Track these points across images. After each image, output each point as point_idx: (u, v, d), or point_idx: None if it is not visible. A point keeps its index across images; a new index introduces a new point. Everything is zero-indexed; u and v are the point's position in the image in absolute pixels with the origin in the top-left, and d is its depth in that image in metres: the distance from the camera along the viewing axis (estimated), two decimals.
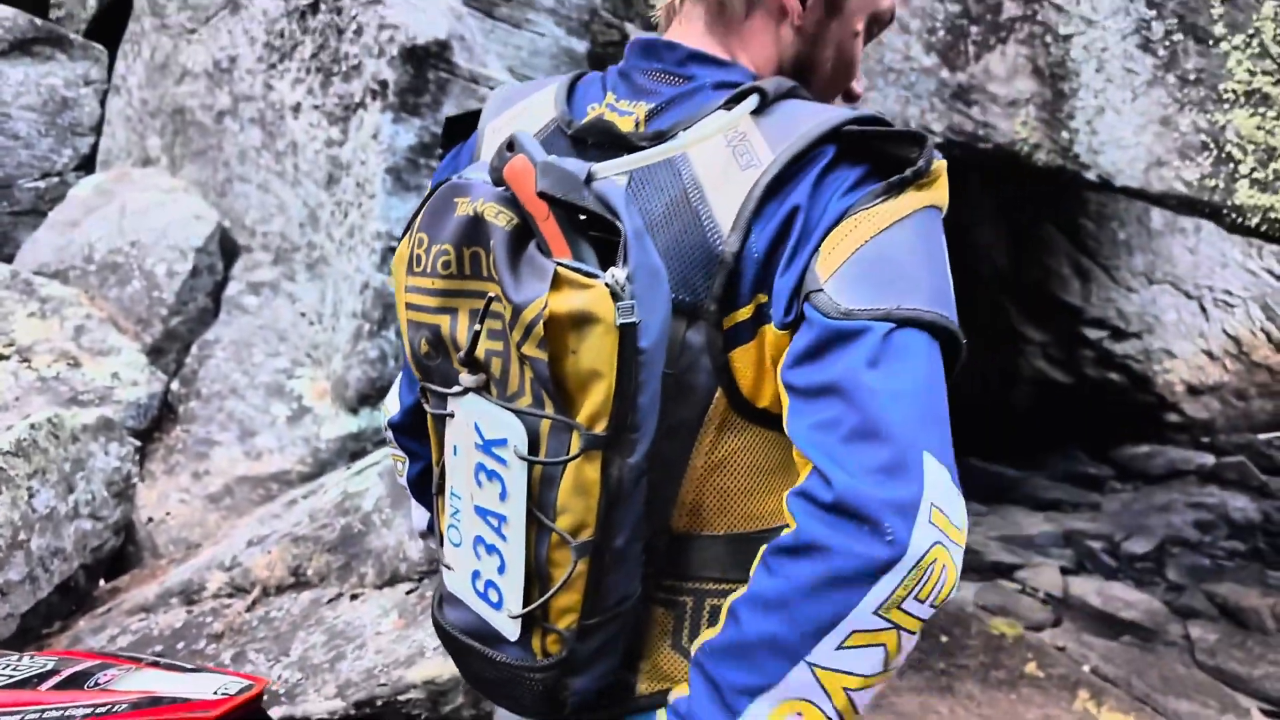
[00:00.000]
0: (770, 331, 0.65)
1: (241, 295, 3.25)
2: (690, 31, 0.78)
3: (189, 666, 0.91)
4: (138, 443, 2.32)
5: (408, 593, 1.65)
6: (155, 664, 0.90)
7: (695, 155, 0.67)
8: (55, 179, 4.11)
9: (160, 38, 3.90)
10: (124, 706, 0.80)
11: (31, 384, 2.58)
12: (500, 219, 0.61)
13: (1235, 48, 2.84)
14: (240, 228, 3.46)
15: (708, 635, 0.64)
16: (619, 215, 0.59)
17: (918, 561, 0.53)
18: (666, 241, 0.66)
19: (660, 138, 0.69)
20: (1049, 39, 3.21)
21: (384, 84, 2.88)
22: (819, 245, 0.63)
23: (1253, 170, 2.85)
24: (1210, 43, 2.89)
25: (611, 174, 0.65)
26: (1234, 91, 2.86)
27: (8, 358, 2.66)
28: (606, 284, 0.56)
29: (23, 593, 1.85)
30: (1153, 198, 3.11)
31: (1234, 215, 2.92)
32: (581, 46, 3.90)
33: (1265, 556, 4.41)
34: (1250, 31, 2.81)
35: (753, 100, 0.67)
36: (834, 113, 0.67)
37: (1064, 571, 4.16)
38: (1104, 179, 3.19)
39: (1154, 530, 4.76)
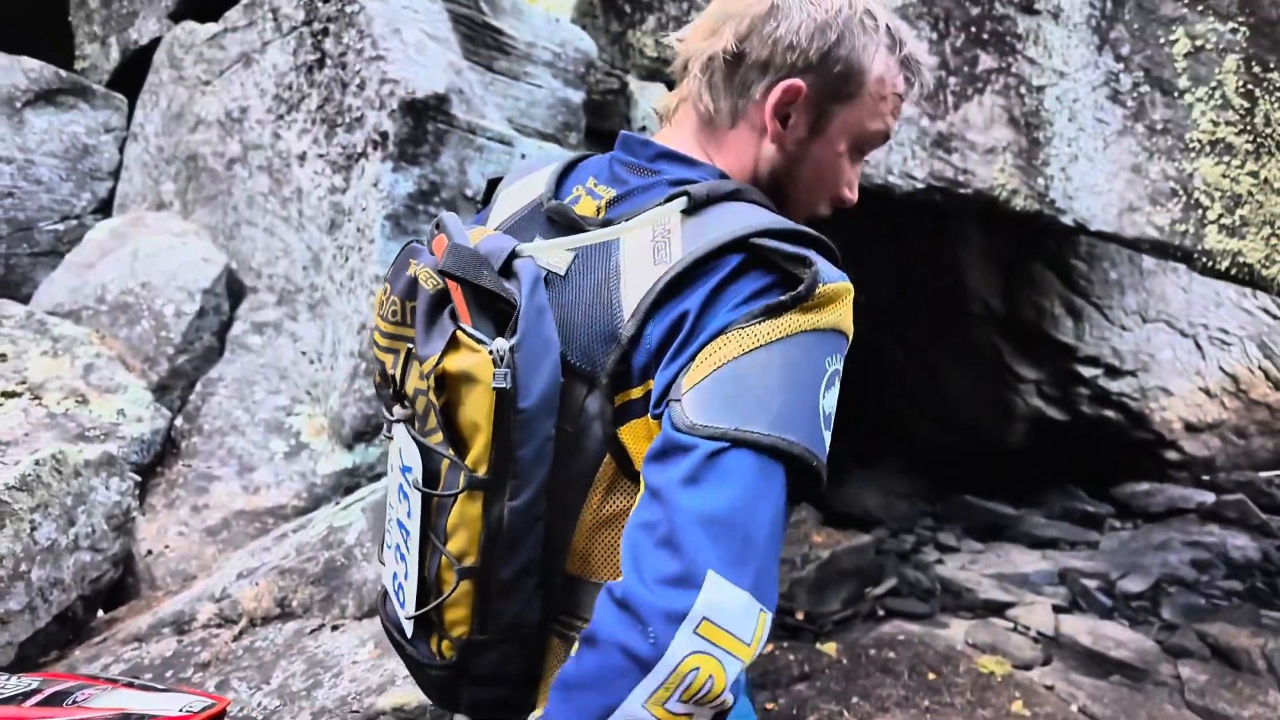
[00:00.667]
0: (649, 417, 0.71)
1: (246, 334, 3.37)
2: (678, 133, 0.86)
3: (160, 687, 0.99)
4: (138, 477, 2.42)
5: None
6: (130, 684, 0.99)
7: (625, 243, 0.74)
8: (74, 222, 4.28)
9: (177, 88, 4.09)
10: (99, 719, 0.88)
11: (41, 420, 2.69)
12: (429, 283, 0.73)
13: (1199, 99, 2.94)
14: (247, 269, 3.60)
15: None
16: (513, 294, 0.68)
17: (675, 666, 0.59)
18: (585, 314, 0.74)
19: (609, 224, 0.77)
20: (1023, 90, 3.34)
21: (384, 135, 3.02)
22: (695, 354, 0.67)
23: (1220, 216, 2.94)
24: (1175, 94, 3.00)
25: (544, 252, 0.75)
26: (1199, 141, 2.96)
27: (19, 395, 2.77)
28: (490, 351, 0.65)
29: (22, 622, 1.93)
30: (1126, 242, 3.20)
31: (1204, 259, 2.99)
32: (578, 97, 4.06)
33: (1261, 596, 4.39)
34: (1213, 84, 2.92)
35: (680, 201, 0.74)
36: (750, 221, 0.71)
37: (1057, 610, 4.17)
38: (1079, 224, 3.28)
39: (1150, 569, 4.75)
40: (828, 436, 0.68)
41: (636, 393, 0.72)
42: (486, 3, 3.69)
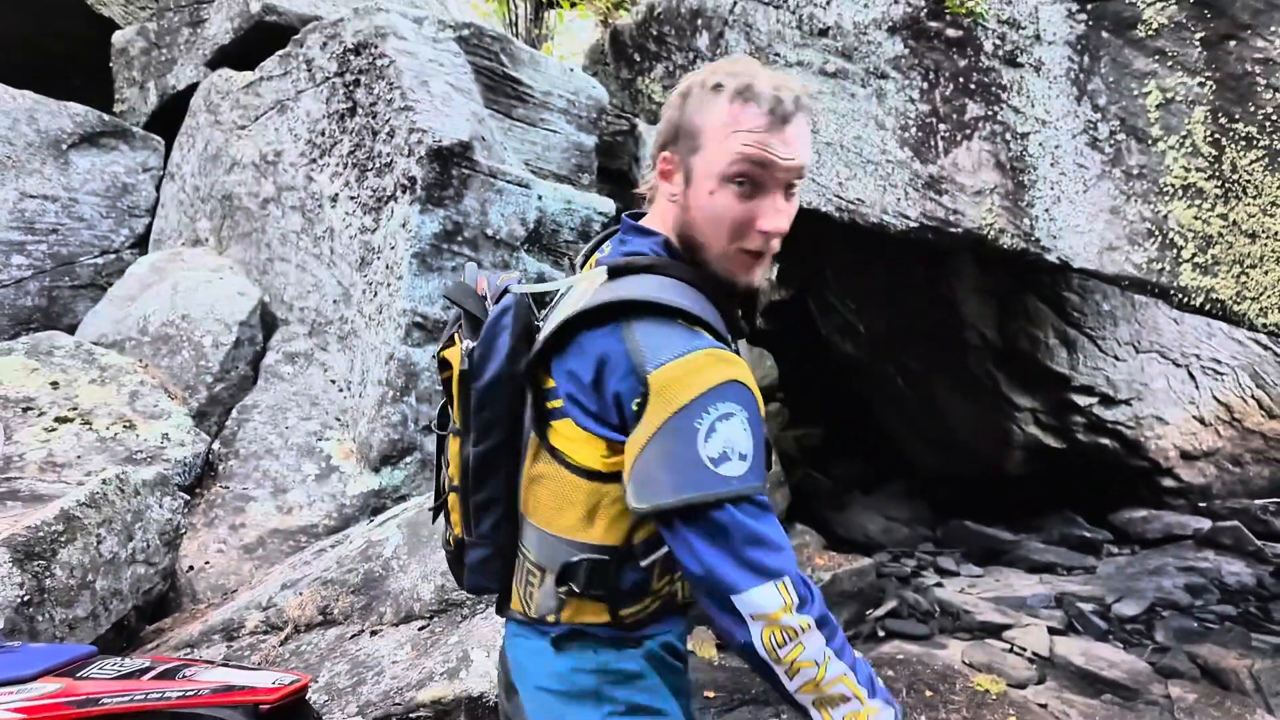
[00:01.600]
0: (569, 424, 0.97)
1: (279, 364, 3.58)
2: (651, 209, 1.09)
3: (250, 667, 1.17)
4: (187, 496, 2.61)
5: (420, 629, 1.90)
6: (226, 664, 1.17)
7: (574, 291, 1.01)
8: (112, 256, 4.53)
9: (213, 132, 4.36)
10: (207, 691, 1.06)
11: (92, 444, 2.89)
12: (454, 308, 1.12)
13: (1171, 147, 3.16)
14: (279, 303, 3.82)
15: None
16: (481, 314, 1.04)
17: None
18: (544, 333, 0.99)
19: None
20: (1009, 136, 3.56)
21: (413, 179, 3.26)
22: (609, 419, 0.95)
23: (1194, 255, 3.14)
24: (1149, 142, 3.21)
25: (534, 287, 1.06)
26: (1173, 185, 3.17)
27: (72, 420, 2.98)
28: (462, 348, 1.02)
29: (86, 628, 2.12)
30: (1107, 278, 3.39)
31: (1180, 295, 3.18)
32: (590, 141, 4.31)
33: (1253, 620, 4.51)
34: (1183, 133, 3.13)
35: (601, 270, 0.98)
36: (627, 293, 0.93)
37: (1052, 632, 4.29)
38: (1063, 261, 3.48)
39: (1145, 593, 4.87)
40: (733, 467, 0.87)
41: (555, 402, 0.98)
42: (506, 55, 3.95)
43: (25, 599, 1.85)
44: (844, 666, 0.88)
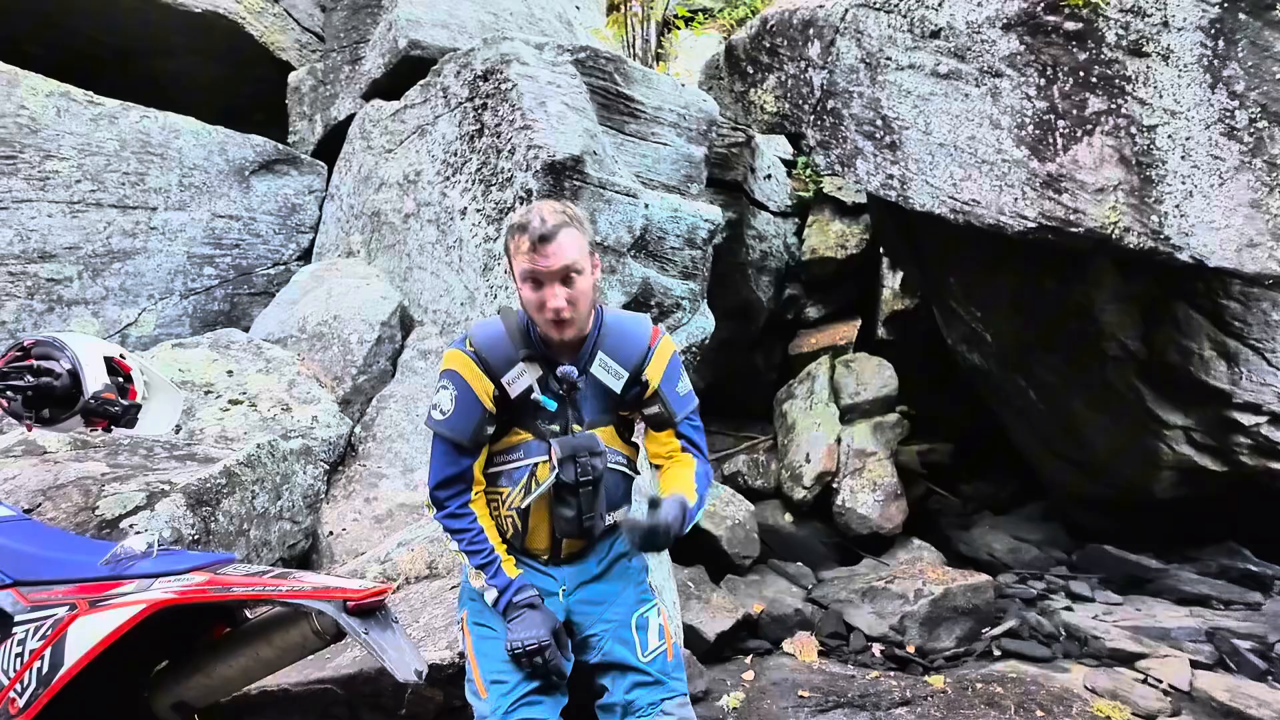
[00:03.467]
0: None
1: (413, 360, 3.98)
2: None
3: (343, 576, 1.42)
4: (327, 465, 2.99)
5: None
6: (327, 574, 1.42)
7: None
8: (282, 267, 5.18)
9: (365, 156, 4.91)
10: (308, 587, 1.30)
11: (256, 422, 3.36)
12: None
13: None
14: (416, 306, 4.25)
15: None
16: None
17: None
18: None
19: None
20: (1134, 130, 3.38)
21: (530, 192, 3.55)
22: None
23: None
24: None
25: None
26: None
27: (241, 403, 3.47)
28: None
29: None
30: (1247, 278, 3.14)
31: None
32: (699, 152, 4.47)
33: None
34: None
35: None
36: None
37: (1195, 665, 3.93)
38: (1197, 259, 3.26)
39: None
40: (435, 414, 1.72)
41: None
42: (620, 74, 4.20)
43: (195, 538, 2.23)
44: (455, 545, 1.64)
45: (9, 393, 1.70)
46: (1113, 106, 3.43)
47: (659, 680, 1.56)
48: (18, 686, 1.27)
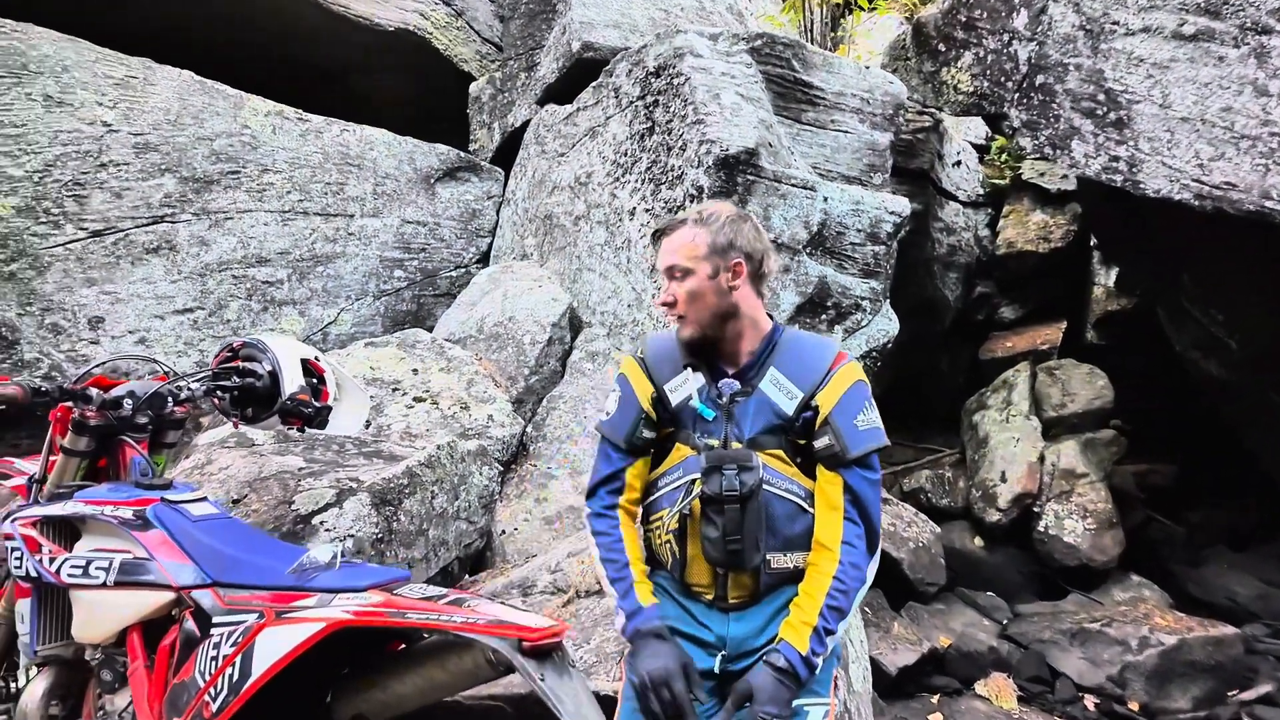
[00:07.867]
0: None
1: (581, 361, 3.97)
2: None
3: (522, 608, 1.32)
4: (501, 465, 3.01)
5: None
6: (502, 602, 1.34)
7: None
8: (463, 270, 5.40)
9: (539, 160, 4.99)
10: (483, 621, 1.22)
11: (437, 420, 3.46)
12: None
13: None
14: (585, 308, 4.24)
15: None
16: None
17: None
18: None
19: None
20: None
21: (700, 189, 3.41)
22: None
23: None
24: None
25: None
26: None
27: (425, 400, 3.60)
28: None
29: (420, 569, 2.54)
30: None
31: None
32: (885, 139, 4.12)
33: None
34: None
35: None
36: None
37: None
38: None
39: None
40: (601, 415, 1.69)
41: None
42: (798, 60, 3.95)
43: (378, 536, 2.28)
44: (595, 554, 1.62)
45: (219, 392, 1.79)
46: None
47: None
48: (212, 690, 1.30)
